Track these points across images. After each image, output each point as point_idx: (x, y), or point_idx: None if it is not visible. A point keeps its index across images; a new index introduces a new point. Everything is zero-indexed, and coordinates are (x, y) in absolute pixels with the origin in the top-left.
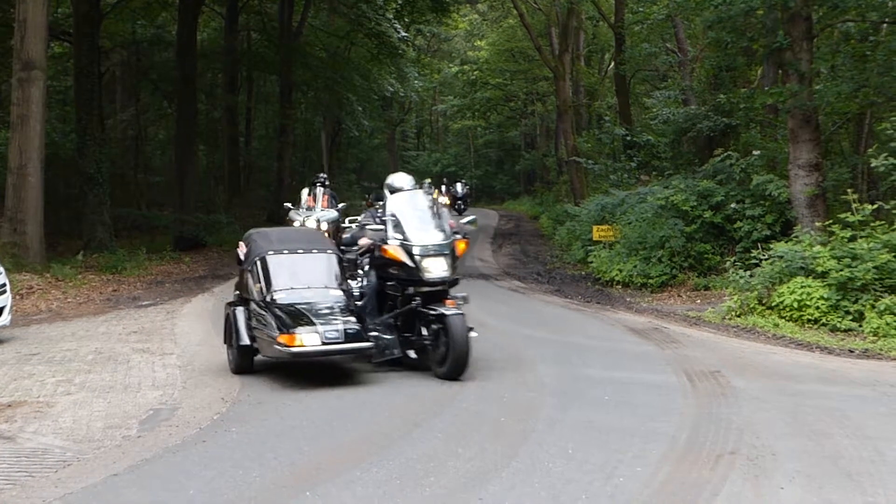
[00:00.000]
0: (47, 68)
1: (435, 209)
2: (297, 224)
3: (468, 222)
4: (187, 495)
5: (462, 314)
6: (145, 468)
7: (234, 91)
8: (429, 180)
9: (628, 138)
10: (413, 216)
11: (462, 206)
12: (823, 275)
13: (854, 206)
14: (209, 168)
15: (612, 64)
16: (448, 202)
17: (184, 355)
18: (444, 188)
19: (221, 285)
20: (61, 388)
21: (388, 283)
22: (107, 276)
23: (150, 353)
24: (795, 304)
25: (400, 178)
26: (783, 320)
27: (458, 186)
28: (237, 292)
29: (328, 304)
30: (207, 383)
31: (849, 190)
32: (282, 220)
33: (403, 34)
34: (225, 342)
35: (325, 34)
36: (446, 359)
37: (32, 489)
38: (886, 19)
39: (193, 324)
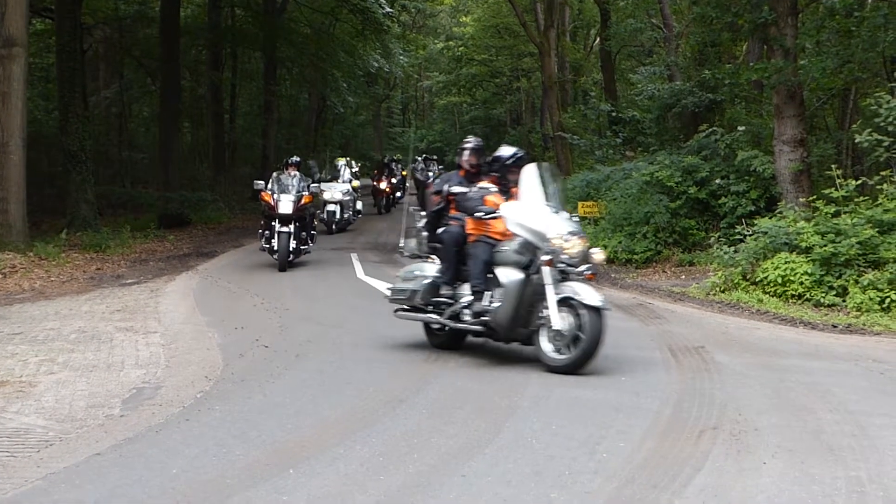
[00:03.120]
0: (29, 45)
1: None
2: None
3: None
4: (170, 474)
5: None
6: (128, 447)
7: (219, 68)
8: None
9: (614, 114)
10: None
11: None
12: (807, 250)
13: (838, 181)
14: (194, 145)
15: (598, 40)
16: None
17: (167, 334)
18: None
19: (206, 263)
20: (44, 368)
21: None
22: (90, 255)
23: (133, 332)
24: (779, 280)
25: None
26: (767, 296)
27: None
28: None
29: None
30: (191, 361)
31: (833, 166)
32: None
33: (388, 10)
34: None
35: (309, 10)
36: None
37: (14, 469)
38: None
39: (177, 302)
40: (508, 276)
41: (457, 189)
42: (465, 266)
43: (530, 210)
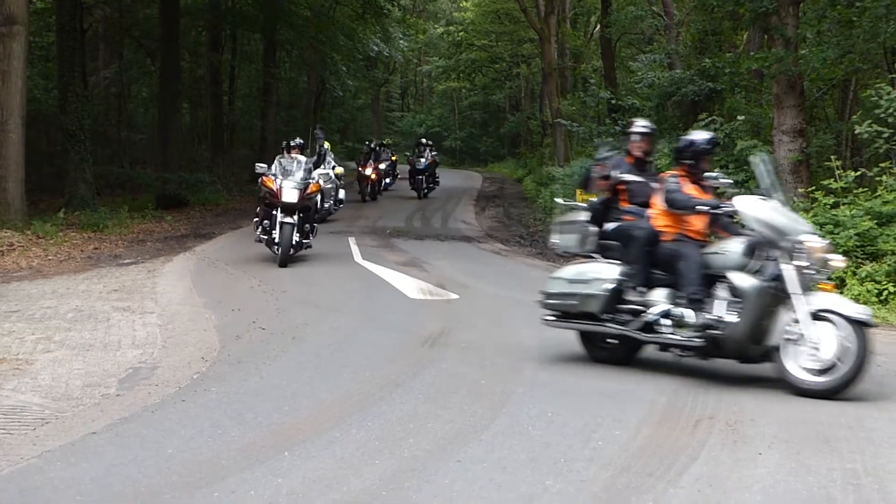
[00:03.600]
0: (29, 23)
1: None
2: None
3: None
4: (166, 454)
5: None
6: (124, 427)
7: (218, 49)
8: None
9: (613, 102)
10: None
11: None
12: None
13: (837, 172)
14: (192, 126)
15: (598, 27)
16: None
17: (164, 314)
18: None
19: (203, 244)
20: (41, 346)
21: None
22: (88, 234)
23: (130, 312)
24: None
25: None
26: None
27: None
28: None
29: None
30: (188, 342)
31: (832, 156)
32: None
33: None
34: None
35: None
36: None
37: (10, 446)
38: None
39: (174, 283)
40: (746, 281)
41: (630, 177)
42: (655, 268)
43: (768, 204)
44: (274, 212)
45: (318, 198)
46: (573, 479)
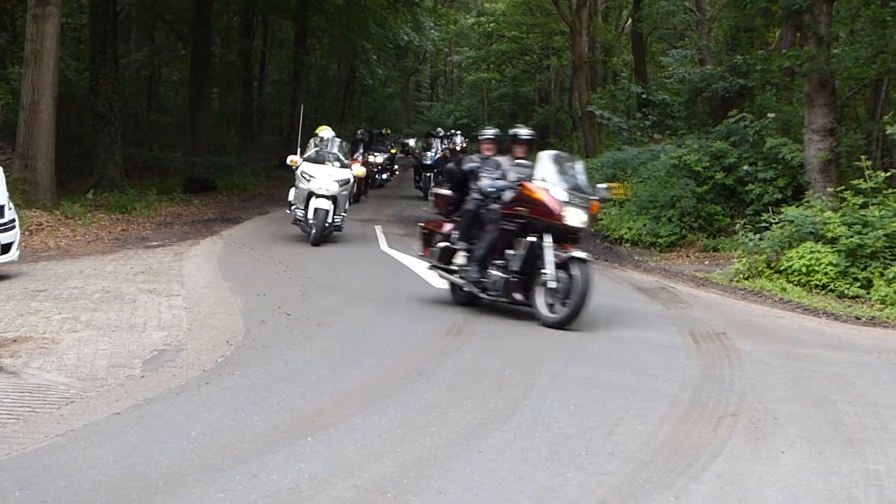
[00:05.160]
0: (62, 4)
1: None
2: None
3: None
4: (188, 436)
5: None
6: (148, 408)
7: (250, 35)
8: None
9: (644, 96)
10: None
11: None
12: (833, 241)
13: (867, 172)
14: (222, 111)
15: (630, 21)
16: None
17: (190, 297)
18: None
19: (230, 228)
20: (67, 326)
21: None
22: (116, 216)
23: (156, 294)
24: (804, 269)
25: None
26: (791, 285)
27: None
28: None
29: None
30: (213, 326)
31: (862, 156)
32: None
33: None
34: None
35: None
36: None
37: (35, 424)
38: None
39: (201, 266)
40: None
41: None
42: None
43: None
44: (311, 198)
45: (332, 208)
46: (594, 472)
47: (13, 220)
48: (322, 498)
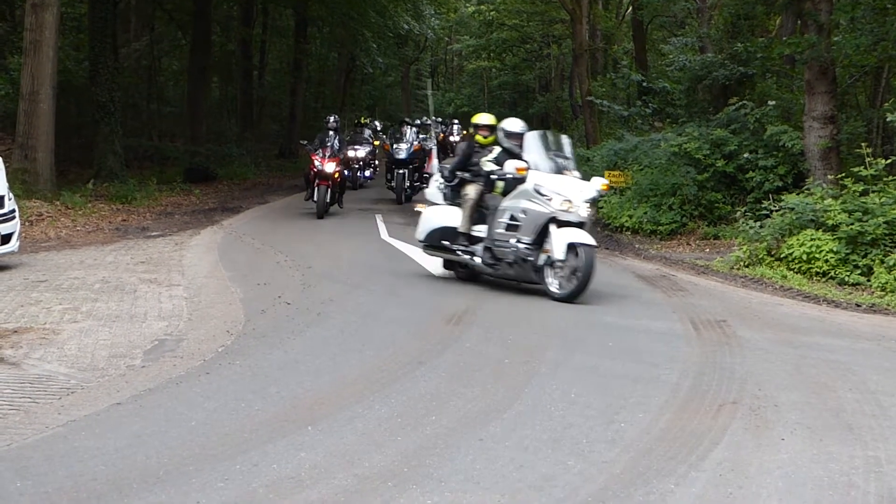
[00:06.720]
0: None
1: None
2: None
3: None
4: (189, 426)
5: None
6: (148, 398)
7: (250, 24)
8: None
9: (644, 84)
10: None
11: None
12: (833, 228)
13: (868, 160)
14: (222, 101)
15: (630, 9)
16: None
17: (191, 287)
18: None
19: (231, 218)
20: (67, 316)
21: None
22: (116, 206)
23: (157, 284)
24: (804, 257)
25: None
26: (791, 272)
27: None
28: None
29: None
30: (213, 316)
31: (863, 144)
32: (293, 155)
33: None
34: None
35: None
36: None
37: (36, 415)
38: None
39: (201, 256)
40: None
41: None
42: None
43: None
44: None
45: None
46: (595, 460)
47: (13, 211)
48: (322, 487)
